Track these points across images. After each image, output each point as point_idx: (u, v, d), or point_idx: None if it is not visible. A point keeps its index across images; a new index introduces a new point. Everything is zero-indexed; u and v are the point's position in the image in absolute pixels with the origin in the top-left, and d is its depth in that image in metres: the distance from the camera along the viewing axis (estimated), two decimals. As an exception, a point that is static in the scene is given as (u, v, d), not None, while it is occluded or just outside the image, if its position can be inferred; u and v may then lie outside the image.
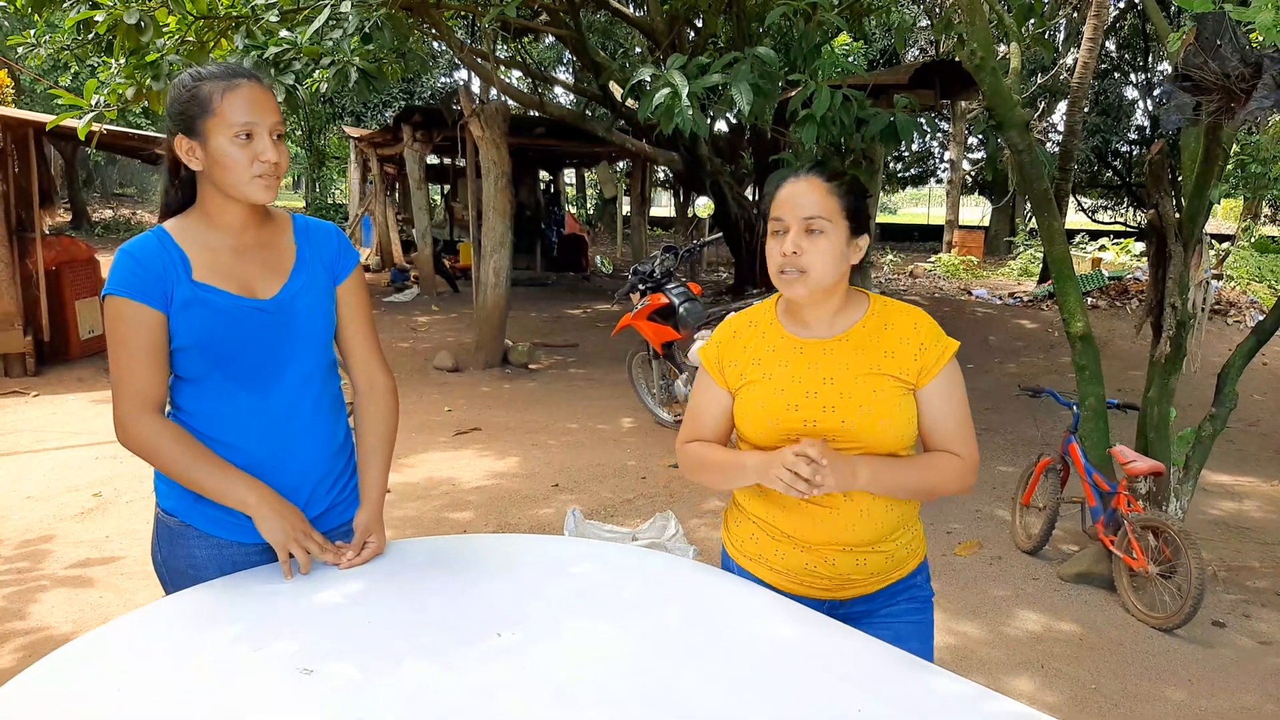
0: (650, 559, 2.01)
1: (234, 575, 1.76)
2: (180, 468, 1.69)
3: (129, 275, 1.65)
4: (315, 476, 1.85)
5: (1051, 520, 4.37)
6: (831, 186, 1.68)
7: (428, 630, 1.59)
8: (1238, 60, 2.81)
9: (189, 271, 1.69)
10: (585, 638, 1.60)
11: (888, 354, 1.71)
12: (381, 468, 1.91)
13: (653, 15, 10.83)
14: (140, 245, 1.69)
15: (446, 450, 5.94)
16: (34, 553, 4.15)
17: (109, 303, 1.66)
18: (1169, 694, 3.26)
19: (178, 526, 1.79)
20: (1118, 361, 8.67)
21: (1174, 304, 3.74)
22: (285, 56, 6.37)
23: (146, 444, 1.68)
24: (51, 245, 8.34)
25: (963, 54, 4.16)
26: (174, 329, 1.69)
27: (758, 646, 1.56)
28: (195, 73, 1.68)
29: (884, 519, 1.74)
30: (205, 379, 1.74)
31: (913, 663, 1.54)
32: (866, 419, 1.68)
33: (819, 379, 1.71)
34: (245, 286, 1.75)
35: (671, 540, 3.62)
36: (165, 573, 1.82)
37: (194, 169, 1.69)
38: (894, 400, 1.69)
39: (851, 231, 1.70)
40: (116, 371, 1.68)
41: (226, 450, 1.74)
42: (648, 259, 6.33)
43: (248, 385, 1.75)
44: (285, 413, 1.79)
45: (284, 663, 1.47)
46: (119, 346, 1.67)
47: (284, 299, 1.78)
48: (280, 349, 1.77)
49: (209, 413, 1.75)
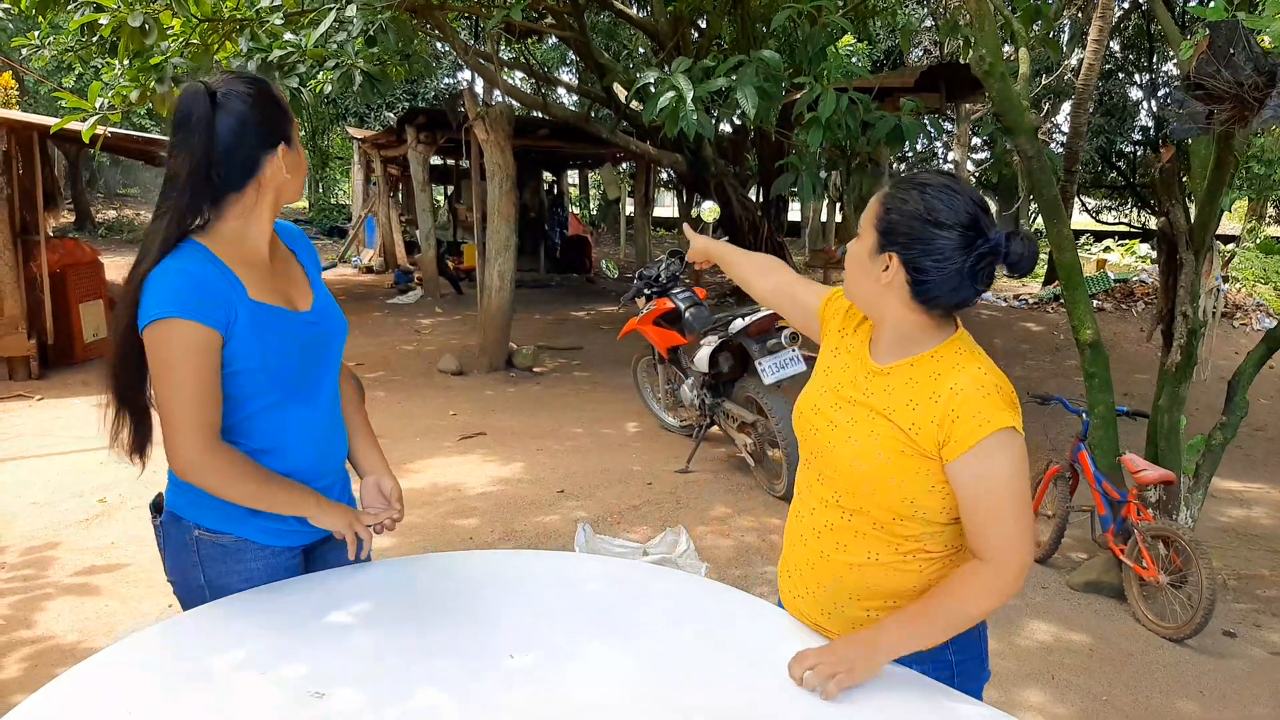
0: (663, 577, 1.99)
1: (244, 594, 1.74)
2: (252, 489, 1.65)
3: (193, 296, 1.55)
4: (342, 474, 1.92)
5: (1060, 528, 4.35)
6: (889, 193, 1.52)
7: (440, 652, 1.58)
8: (1251, 69, 2.79)
9: (244, 290, 1.63)
10: (599, 660, 1.58)
11: (911, 404, 1.50)
12: (374, 438, 1.99)
13: (657, 16, 10.81)
14: (196, 264, 1.58)
15: (451, 455, 5.92)
16: (39, 559, 4.14)
17: (169, 327, 1.54)
18: (1181, 706, 3.24)
19: (233, 543, 1.73)
20: (1123, 365, 8.64)
21: (1185, 312, 3.71)
22: (289, 59, 6.36)
23: (221, 477, 1.61)
24: (56, 248, 8.34)
25: (971, 59, 4.14)
26: (236, 351, 1.62)
27: (773, 668, 1.54)
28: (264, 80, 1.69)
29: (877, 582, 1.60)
30: (259, 397, 1.69)
31: (926, 685, 1.53)
32: (847, 454, 1.55)
33: (846, 396, 1.60)
34: (288, 300, 1.74)
35: (683, 556, 3.60)
36: (209, 593, 1.74)
37: (280, 179, 1.68)
38: (890, 453, 1.50)
39: (878, 246, 1.51)
40: (180, 402, 1.55)
41: (279, 463, 1.72)
42: (653, 263, 6.30)
43: (300, 398, 1.75)
44: (327, 418, 1.83)
45: (295, 686, 1.45)
46: (186, 375, 1.55)
47: (320, 308, 1.80)
48: (324, 357, 1.81)
49: (262, 429, 1.71)
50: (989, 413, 1.44)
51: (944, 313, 1.54)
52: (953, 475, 1.48)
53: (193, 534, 1.73)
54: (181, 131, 1.60)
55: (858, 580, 1.60)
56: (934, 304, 1.50)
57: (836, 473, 1.59)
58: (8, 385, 7.51)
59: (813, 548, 1.65)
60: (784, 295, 1.91)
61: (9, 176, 7.55)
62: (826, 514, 1.63)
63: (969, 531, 1.50)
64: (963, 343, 1.55)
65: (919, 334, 1.54)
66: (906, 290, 1.50)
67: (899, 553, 1.57)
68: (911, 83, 8.56)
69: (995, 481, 1.45)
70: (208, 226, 1.65)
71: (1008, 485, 1.45)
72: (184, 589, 1.77)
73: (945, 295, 1.49)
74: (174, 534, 1.76)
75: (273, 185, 1.68)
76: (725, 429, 5.63)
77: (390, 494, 1.91)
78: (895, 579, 1.58)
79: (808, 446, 1.68)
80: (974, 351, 1.54)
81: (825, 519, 1.63)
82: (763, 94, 5.19)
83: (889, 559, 1.57)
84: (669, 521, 4.73)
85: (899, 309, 1.53)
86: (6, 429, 6.30)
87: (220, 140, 1.60)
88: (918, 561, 1.57)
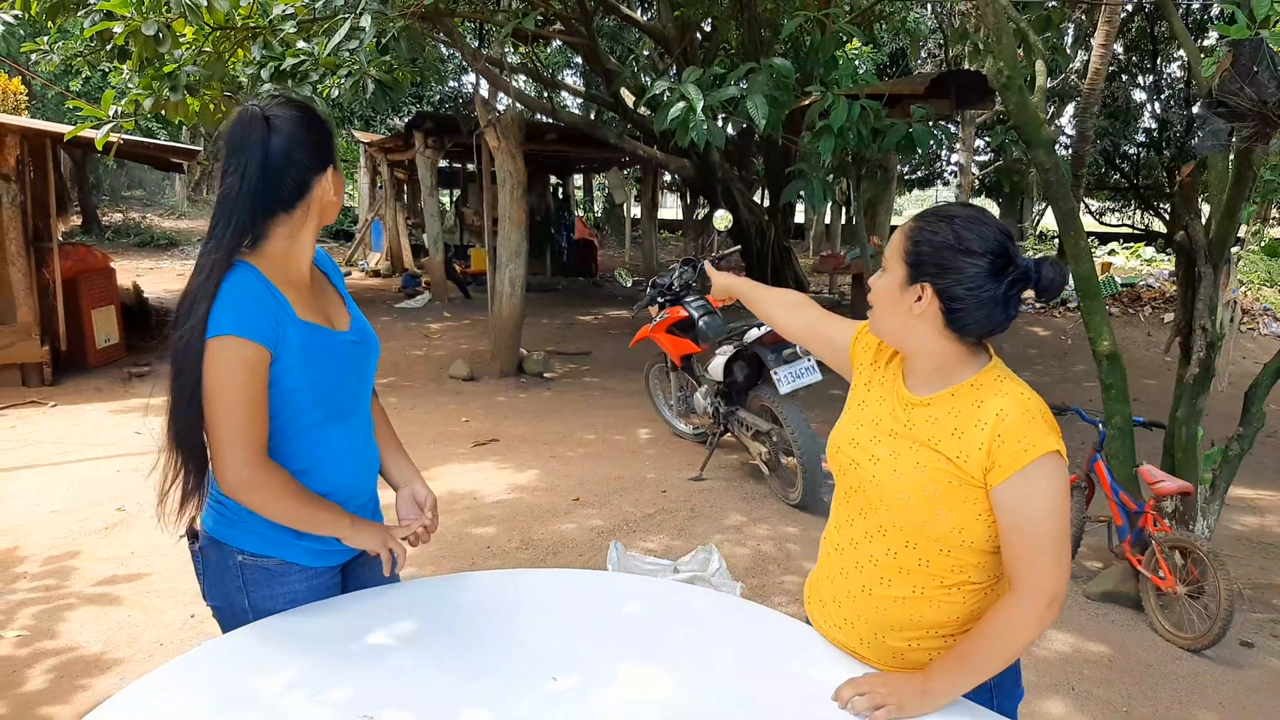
0: (699, 597, 2.01)
1: (284, 614, 1.76)
2: (298, 509, 1.68)
3: (248, 315, 1.58)
4: (374, 494, 1.95)
5: (1077, 538, 4.37)
6: (916, 226, 1.54)
7: (483, 674, 1.60)
8: (1274, 87, 2.80)
9: (291, 310, 1.66)
10: (639, 681, 1.60)
11: (956, 433, 1.51)
12: (405, 453, 2.03)
13: (664, 22, 10.84)
14: (250, 284, 1.61)
15: (466, 462, 5.94)
16: (60, 569, 4.16)
17: (228, 344, 1.56)
18: (1202, 717, 3.26)
19: (278, 566, 1.75)
20: (1131, 370, 8.57)
21: (1204, 325, 3.73)
22: (302, 67, 6.39)
23: (267, 493, 1.63)
24: (68, 254, 8.37)
25: (989, 71, 4.15)
26: (284, 369, 1.64)
27: (809, 690, 1.56)
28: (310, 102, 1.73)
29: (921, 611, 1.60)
30: (303, 416, 1.71)
31: (966, 707, 1.54)
32: (894, 487, 1.55)
33: (887, 429, 1.61)
34: (330, 320, 1.77)
35: (715, 575, 3.61)
36: (253, 616, 1.75)
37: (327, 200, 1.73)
38: (937, 484, 1.51)
39: (909, 277, 1.52)
40: (233, 420, 1.58)
41: (319, 482, 1.74)
42: (666, 271, 6.32)
43: (339, 417, 1.78)
44: (363, 438, 1.86)
45: (345, 709, 1.47)
46: (238, 391, 1.57)
47: (359, 327, 1.84)
48: (363, 377, 1.85)
49: (303, 450, 1.73)
50: (1034, 437, 1.45)
51: (976, 340, 1.57)
52: (997, 500, 1.48)
53: (236, 559, 1.74)
54: (235, 154, 1.64)
55: (901, 613, 1.61)
56: (967, 332, 1.53)
57: (882, 505, 1.59)
58: (21, 391, 7.53)
59: (854, 581, 1.66)
60: (813, 332, 1.93)
61: (22, 184, 7.58)
62: (870, 549, 1.63)
63: (1007, 557, 1.50)
64: (1000, 369, 1.57)
65: (955, 364, 1.57)
66: (940, 320, 1.52)
67: (944, 585, 1.58)
68: (922, 90, 8.57)
69: (1038, 508, 1.46)
70: (256, 247, 1.68)
71: (1050, 512, 1.46)
72: (227, 613, 1.79)
73: (978, 323, 1.51)
74: (216, 559, 1.76)
75: (319, 206, 1.73)
76: (739, 437, 5.64)
77: (425, 502, 1.94)
78: (940, 611, 1.59)
79: (847, 480, 1.68)
80: (1013, 377, 1.56)
81: (869, 554, 1.63)
82: (773, 102, 5.20)
83: (934, 592, 1.58)
84: (684, 530, 4.75)
85: (933, 339, 1.55)
86: (22, 436, 6.33)
87: (272, 161, 1.64)
88: (962, 593, 1.58)
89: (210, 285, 1.58)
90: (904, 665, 1.63)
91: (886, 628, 1.63)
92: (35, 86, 17.27)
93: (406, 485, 1.97)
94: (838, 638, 1.71)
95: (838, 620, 1.71)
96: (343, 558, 1.85)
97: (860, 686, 1.52)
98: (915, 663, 1.61)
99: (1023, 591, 1.47)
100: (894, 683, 1.53)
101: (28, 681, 3.23)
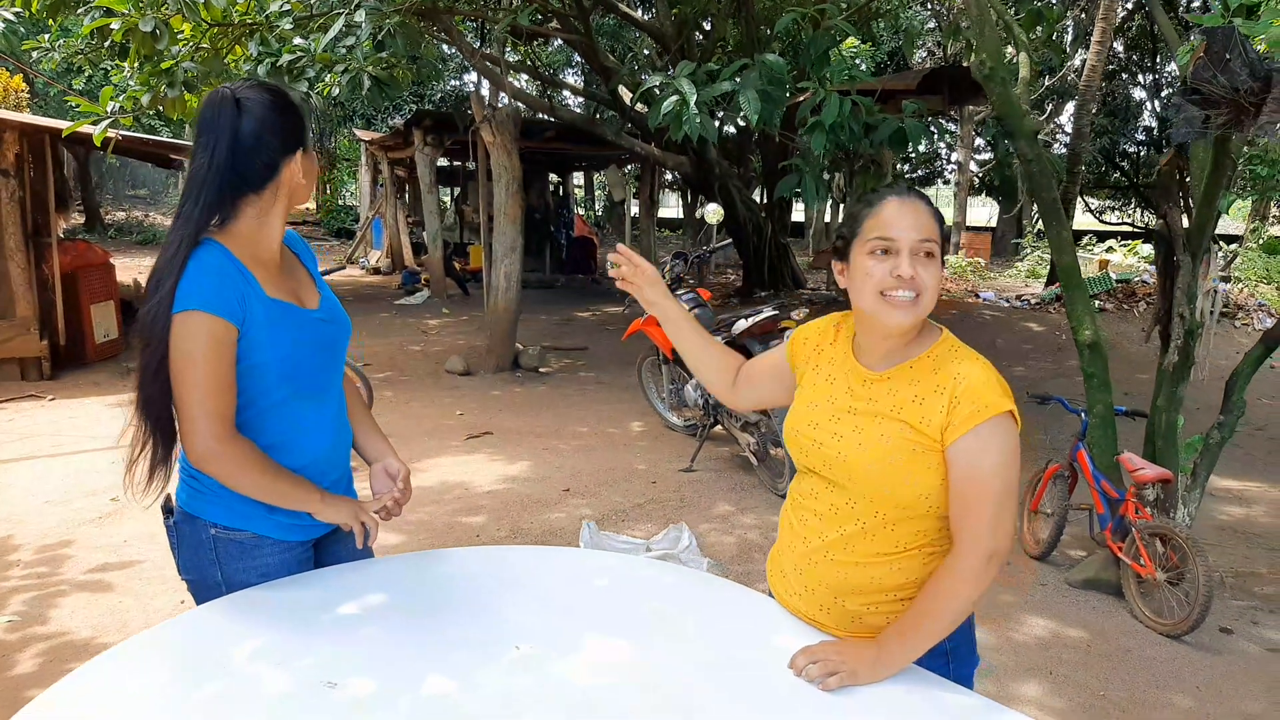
0: (667, 572, 2.05)
1: (258, 588, 1.80)
2: (266, 482, 1.71)
3: (213, 291, 1.62)
4: (348, 470, 1.97)
5: (1059, 526, 4.40)
6: (934, 212, 1.61)
7: (448, 644, 1.63)
8: (1247, 74, 2.83)
9: (259, 287, 1.71)
10: (604, 652, 1.63)
11: (917, 399, 1.56)
12: (380, 430, 2.06)
13: (661, 20, 10.88)
14: (217, 261, 1.65)
15: (458, 454, 5.99)
16: (53, 557, 4.21)
17: (193, 319, 1.61)
18: (1177, 701, 3.29)
19: (250, 539, 1.79)
20: (1125, 365, 8.67)
21: (1182, 313, 3.76)
22: (299, 64, 6.44)
23: (237, 466, 1.67)
24: (67, 250, 8.42)
25: (972, 63, 4.19)
26: (251, 344, 1.68)
27: (774, 661, 1.59)
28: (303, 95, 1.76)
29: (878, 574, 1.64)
30: (273, 392, 1.75)
31: (922, 676, 1.57)
32: (860, 460, 1.59)
33: (845, 407, 1.64)
34: (299, 299, 1.81)
35: (685, 552, 3.66)
36: (226, 589, 1.79)
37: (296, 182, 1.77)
38: (901, 451, 1.55)
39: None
40: (200, 392, 1.62)
41: (290, 458, 1.78)
42: (658, 264, 6.36)
43: (311, 395, 1.82)
44: (335, 415, 1.89)
45: (308, 676, 1.51)
46: (204, 365, 1.61)
47: (328, 306, 1.87)
48: (334, 356, 1.88)
49: (274, 426, 1.77)
50: (990, 398, 1.52)
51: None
52: (951, 458, 1.53)
53: (209, 532, 1.78)
54: (206, 133, 1.67)
55: (861, 577, 1.64)
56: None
57: (850, 480, 1.62)
58: (20, 386, 7.59)
59: (816, 549, 1.69)
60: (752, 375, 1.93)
61: (21, 179, 7.63)
62: (837, 521, 1.66)
63: (953, 514, 1.55)
64: (953, 341, 1.64)
65: (914, 339, 1.63)
66: None
67: (905, 550, 1.62)
68: (914, 85, 8.60)
69: (986, 464, 1.51)
70: (225, 226, 1.72)
71: (996, 470, 1.51)
72: (200, 587, 1.82)
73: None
74: (189, 533, 1.80)
75: (288, 188, 1.76)
76: (729, 428, 5.68)
77: (396, 474, 1.97)
78: (899, 574, 1.63)
79: (810, 460, 1.70)
80: (966, 348, 1.63)
81: (836, 526, 1.66)
82: (766, 98, 5.23)
83: (893, 555, 1.62)
84: (673, 519, 4.78)
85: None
86: (20, 429, 6.38)
87: (242, 143, 1.68)
88: (921, 556, 1.62)
89: (177, 261, 1.62)
90: (862, 629, 1.66)
91: (846, 592, 1.66)
92: (38, 85, 17.35)
93: (379, 460, 2.01)
94: (798, 606, 1.74)
95: (798, 588, 1.74)
96: (315, 533, 1.89)
97: (814, 654, 1.56)
98: (873, 626, 1.65)
99: (963, 549, 1.52)
100: (847, 650, 1.57)
101: (17, 665, 3.28)
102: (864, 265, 1.58)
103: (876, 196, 1.62)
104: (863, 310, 1.61)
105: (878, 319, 1.58)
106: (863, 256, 1.58)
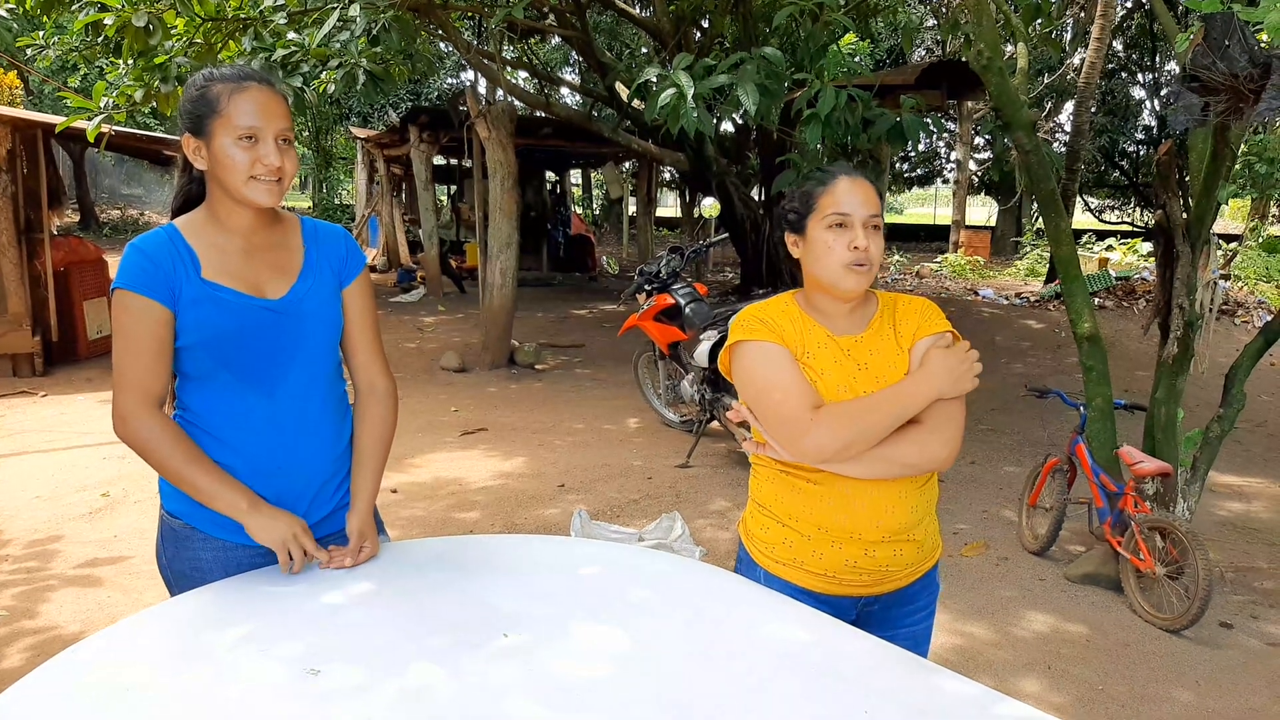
0: (657, 560, 2.01)
1: (241, 576, 1.76)
2: (175, 465, 1.69)
3: (138, 270, 1.66)
4: (320, 479, 1.86)
5: (1058, 521, 4.36)
6: (877, 189, 1.79)
7: (434, 631, 1.60)
8: (1246, 61, 2.80)
9: (198, 269, 1.70)
10: (592, 639, 1.60)
11: (895, 333, 1.82)
12: (375, 470, 1.90)
13: (659, 16, 10.83)
14: (150, 241, 1.69)
15: (453, 450, 5.95)
16: (42, 552, 4.17)
17: (117, 296, 1.67)
18: (1176, 695, 3.26)
19: (183, 529, 1.78)
20: (1125, 362, 8.64)
21: (1181, 305, 3.73)
22: (293, 59, 6.39)
23: (144, 439, 1.68)
24: (60, 246, 8.39)
25: (969, 54, 4.15)
26: (181, 326, 1.69)
27: (765, 648, 1.56)
28: (208, 73, 1.70)
29: (916, 503, 1.79)
30: (212, 378, 1.74)
31: (920, 664, 1.54)
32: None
33: (851, 371, 1.78)
34: (254, 286, 1.75)
35: (678, 541, 3.62)
36: (170, 574, 1.82)
37: (199, 168, 1.71)
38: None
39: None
40: (120, 364, 1.68)
41: (232, 452, 1.75)
42: (653, 259, 6.33)
43: (255, 385, 1.76)
44: (292, 414, 1.80)
45: (291, 664, 1.47)
46: (124, 339, 1.67)
47: (291, 300, 1.78)
48: (287, 350, 1.78)
49: (215, 412, 1.76)
50: (934, 316, 1.83)
51: None
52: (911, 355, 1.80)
53: (162, 514, 1.83)
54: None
55: (927, 500, 1.84)
56: None
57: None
58: (12, 382, 7.55)
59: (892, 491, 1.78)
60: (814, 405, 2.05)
61: (13, 174, 7.59)
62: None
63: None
64: (887, 294, 1.91)
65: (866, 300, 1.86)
66: None
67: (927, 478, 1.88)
68: (912, 80, 8.57)
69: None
70: (196, 208, 1.77)
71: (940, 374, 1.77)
72: (160, 568, 1.86)
73: None
74: (161, 515, 1.85)
75: (209, 170, 1.69)
76: (725, 424, 5.64)
77: (351, 532, 1.83)
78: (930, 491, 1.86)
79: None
80: (899, 293, 1.93)
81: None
82: (764, 91, 5.19)
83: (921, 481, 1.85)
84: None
85: None
86: (11, 425, 6.34)
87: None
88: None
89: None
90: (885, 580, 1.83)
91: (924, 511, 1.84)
92: (33, 83, 17.30)
93: (351, 506, 1.87)
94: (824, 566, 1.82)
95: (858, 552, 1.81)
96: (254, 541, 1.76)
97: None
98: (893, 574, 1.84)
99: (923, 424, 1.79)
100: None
101: (5, 659, 3.25)
102: (824, 239, 1.74)
103: (828, 175, 1.78)
104: (821, 278, 1.77)
105: (838, 285, 1.75)
106: (821, 230, 1.75)
